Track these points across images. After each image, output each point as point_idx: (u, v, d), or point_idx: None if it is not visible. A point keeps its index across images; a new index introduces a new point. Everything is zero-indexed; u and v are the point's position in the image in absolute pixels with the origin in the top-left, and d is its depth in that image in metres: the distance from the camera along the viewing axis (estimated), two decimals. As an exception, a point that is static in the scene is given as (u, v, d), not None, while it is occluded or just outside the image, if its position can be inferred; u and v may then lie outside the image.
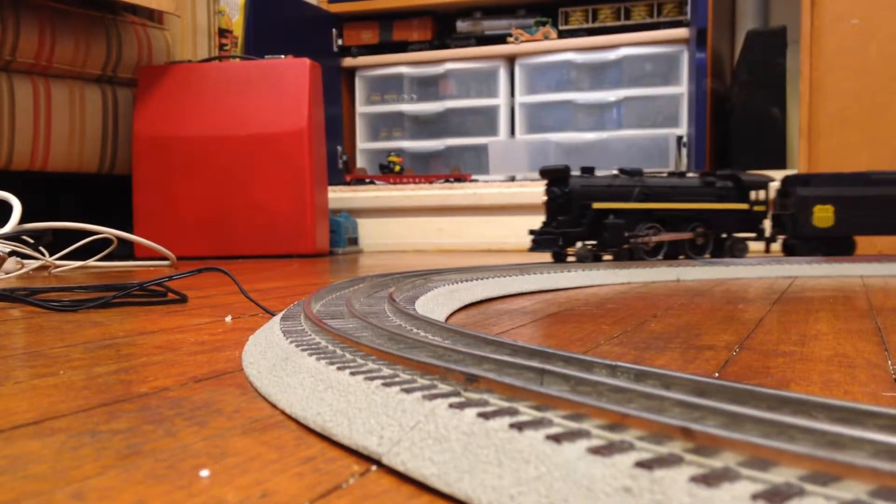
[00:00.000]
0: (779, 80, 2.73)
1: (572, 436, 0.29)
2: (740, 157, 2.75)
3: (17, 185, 1.63)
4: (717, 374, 0.53)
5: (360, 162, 3.34)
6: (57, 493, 0.29)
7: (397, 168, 3.14)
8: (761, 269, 1.49)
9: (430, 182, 2.96)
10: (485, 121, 3.14)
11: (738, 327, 0.76)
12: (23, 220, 1.44)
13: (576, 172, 1.40)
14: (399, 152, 3.20)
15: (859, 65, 2.34)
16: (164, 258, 1.73)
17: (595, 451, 0.27)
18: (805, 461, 0.24)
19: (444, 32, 3.26)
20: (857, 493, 0.23)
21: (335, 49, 3.24)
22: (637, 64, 2.93)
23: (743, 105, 2.76)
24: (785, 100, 2.75)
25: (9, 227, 1.40)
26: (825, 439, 0.25)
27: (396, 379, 0.39)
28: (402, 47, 3.23)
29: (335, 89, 3.20)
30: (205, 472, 0.31)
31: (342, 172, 3.22)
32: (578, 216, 1.32)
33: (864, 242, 1.85)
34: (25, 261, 1.44)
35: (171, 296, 0.99)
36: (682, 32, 2.83)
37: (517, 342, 0.44)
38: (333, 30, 3.23)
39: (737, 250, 1.49)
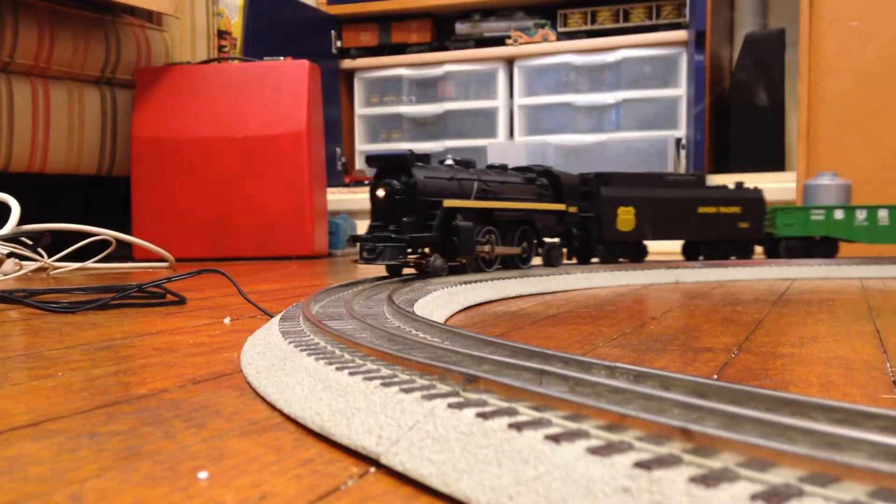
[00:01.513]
0: (777, 82, 2.73)
1: (571, 436, 0.29)
2: (739, 159, 2.76)
3: (15, 186, 1.62)
4: (715, 376, 0.53)
5: (359, 164, 3.34)
6: (55, 495, 0.29)
7: (396, 170, 3.14)
8: (760, 270, 1.49)
9: (429, 184, 2.95)
10: (484, 123, 3.14)
11: (736, 329, 0.76)
12: (21, 221, 1.43)
13: None
14: (398, 154, 3.20)
15: (858, 67, 2.34)
16: (163, 260, 1.72)
17: (594, 451, 0.27)
18: (804, 462, 0.24)
19: (443, 34, 3.26)
20: (855, 493, 0.23)
21: (334, 51, 3.24)
22: (636, 66, 2.93)
23: (742, 107, 2.77)
24: (784, 102, 2.75)
25: (7, 228, 1.40)
26: (824, 440, 0.25)
27: (395, 379, 0.39)
28: (401, 49, 3.23)
29: (334, 91, 3.20)
30: (203, 474, 0.31)
31: (341, 174, 3.22)
32: (425, 217, 1.05)
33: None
34: (24, 262, 1.44)
35: (169, 297, 0.98)
36: (680, 35, 2.84)
37: (516, 343, 0.44)
38: (332, 31, 3.23)
39: (553, 258, 1.30)
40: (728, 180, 2.55)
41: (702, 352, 0.63)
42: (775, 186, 2.50)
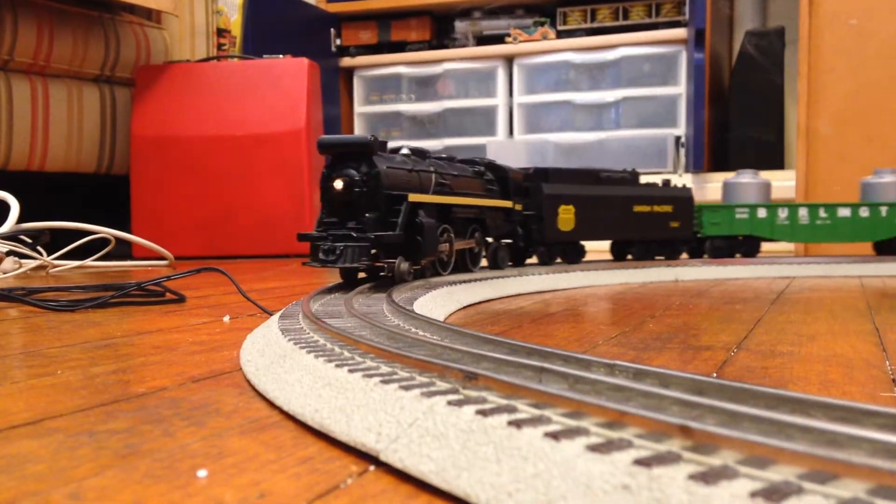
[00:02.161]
0: (777, 80, 2.73)
1: (571, 433, 0.29)
2: (738, 157, 2.76)
3: (14, 184, 1.62)
4: (715, 374, 0.53)
5: (359, 162, 3.33)
6: (54, 493, 0.29)
7: (395, 168, 3.14)
8: (759, 269, 1.49)
9: (429, 182, 2.95)
10: (483, 121, 3.14)
11: (736, 327, 0.76)
12: (20, 219, 1.43)
13: None
14: (397, 152, 3.19)
15: (857, 65, 2.34)
16: (162, 258, 1.72)
17: (594, 448, 0.27)
18: (803, 459, 0.24)
19: (442, 32, 3.26)
20: (855, 491, 0.23)
21: (333, 49, 3.24)
22: (635, 64, 2.93)
23: (741, 105, 2.77)
24: (783, 100, 2.75)
25: (6, 226, 1.40)
26: (823, 438, 0.25)
27: (395, 376, 0.39)
28: (401, 47, 3.23)
29: (333, 89, 3.20)
30: (202, 472, 0.31)
31: (340, 172, 3.21)
32: (388, 213, 0.91)
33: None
34: (23, 260, 1.44)
35: (169, 296, 0.98)
36: (680, 33, 2.84)
37: (515, 341, 0.44)
38: (332, 30, 3.23)
39: (500, 259, 1.19)
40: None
41: (701, 350, 0.63)
42: (774, 185, 2.50)
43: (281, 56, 2.25)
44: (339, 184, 0.91)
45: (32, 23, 2.00)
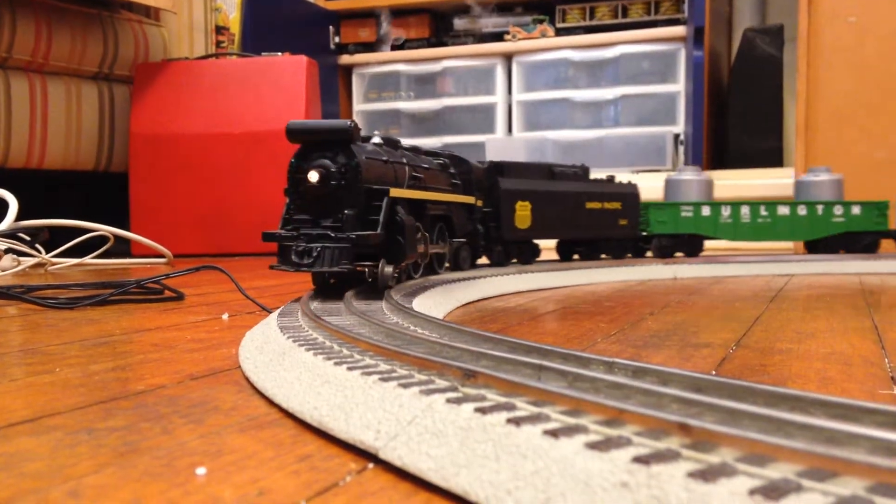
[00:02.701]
0: (776, 77, 2.73)
1: (570, 431, 0.29)
2: (737, 155, 2.76)
3: (13, 182, 1.62)
4: (714, 372, 0.53)
5: (358, 160, 3.33)
6: (53, 491, 0.29)
7: (394, 166, 3.13)
8: (758, 266, 1.49)
9: (428, 180, 2.95)
10: (482, 119, 3.14)
11: (734, 325, 0.76)
12: (19, 217, 1.43)
13: None
14: (396, 150, 3.19)
15: (856, 62, 2.34)
16: (161, 256, 1.72)
17: (592, 446, 0.27)
18: (802, 457, 0.24)
19: (441, 30, 3.26)
20: (854, 488, 0.23)
21: (332, 46, 3.24)
22: (634, 62, 2.93)
23: (740, 103, 2.77)
24: (782, 97, 2.75)
25: (5, 224, 1.40)
26: (822, 435, 0.25)
27: (394, 374, 0.39)
28: (400, 45, 3.23)
29: (332, 87, 3.20)
30: (201, 470, 0.31)
31: (339, 170, 3.21)
32: (367, 209, 0.81)
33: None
34: (22, 258, 1.44)
35: (167, 293, 0.98)
36: (679, 30, 2.84)
37: (514, 339, 0.44)
38: (331, 27, 3.23)
39: (461, 259, 1.11)
40: (728, 177, 2.55)
41: (700, 347, 0.63)
42: (774, 183, 2.50)
43: (280, 53, 2.25)
44: (314, 176, 0.80)
45: (31, 20, 2.00)
